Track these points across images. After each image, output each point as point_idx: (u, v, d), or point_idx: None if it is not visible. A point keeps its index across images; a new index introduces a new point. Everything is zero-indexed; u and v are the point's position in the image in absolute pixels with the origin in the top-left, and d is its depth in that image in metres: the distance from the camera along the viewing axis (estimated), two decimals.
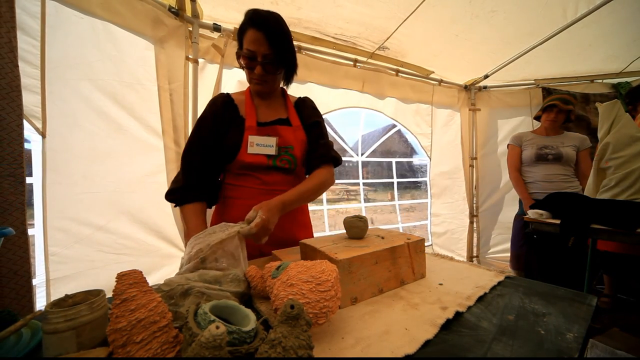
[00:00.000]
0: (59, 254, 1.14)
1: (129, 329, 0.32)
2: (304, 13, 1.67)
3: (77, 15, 1.17)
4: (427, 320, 0.47)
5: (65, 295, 0.42)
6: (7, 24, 0.92)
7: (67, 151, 1.17)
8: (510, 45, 2.15)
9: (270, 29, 0.79)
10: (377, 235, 0.69)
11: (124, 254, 1.32)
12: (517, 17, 1.83)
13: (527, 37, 2.07)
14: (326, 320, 0.42)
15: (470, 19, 1.81)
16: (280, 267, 0.49)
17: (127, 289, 0.34)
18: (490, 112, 2.80)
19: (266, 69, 0.82)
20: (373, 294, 0.57)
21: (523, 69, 2.45)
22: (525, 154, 1.98)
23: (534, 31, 2.01)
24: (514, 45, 2.16)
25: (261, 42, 0.79)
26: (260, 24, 0.78)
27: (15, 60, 0.94)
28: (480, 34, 1.97)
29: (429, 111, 2.63)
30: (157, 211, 1.44)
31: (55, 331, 0.37)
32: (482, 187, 2.83)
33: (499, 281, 0.64)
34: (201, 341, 0.25)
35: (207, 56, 1.63)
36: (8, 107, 0.91)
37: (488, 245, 2.83)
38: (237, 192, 0.87)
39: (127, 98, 1.34)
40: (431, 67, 2.45)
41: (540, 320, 0.48)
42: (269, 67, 0.83)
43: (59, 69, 1.12)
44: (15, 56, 0.94)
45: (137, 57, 1.37)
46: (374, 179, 3.08)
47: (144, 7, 1.36)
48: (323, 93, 2.07)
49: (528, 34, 2.04)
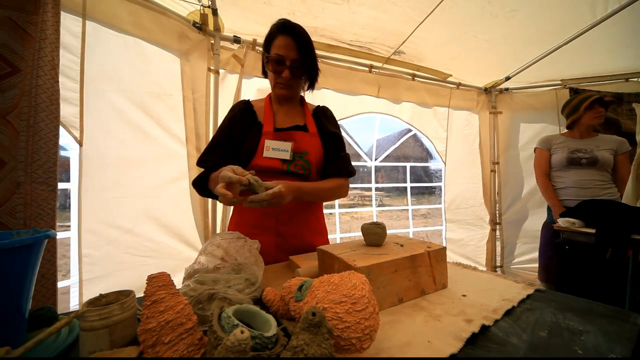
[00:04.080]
0: (91, 255, 1.22)
1: (158, 329, 0.33)
2: (320, 21, 1.71)
3: (111, 33, 1.27)
4: (450, 333, 0.45)
5: (99, 295, 0.45)
6: (52, 44, 1.02)
7: (100, 158, 1.26)
8: (533, 45, 2.07)
9: (299, 36, 0.84)
10: (395, 243, 0.68)
11: (149, 256, 1.39)
12: (539, 15, 1.76)
13: (551, 36, 1.97)
14: (371, 343, 0.37)
15: (490, 20, 1.76)
16: (302, 286, 0.45)
17: (157, 291, 0.36)
18: (512, 115, 2.68)
19: (294, 73, 0.86)
20: (392, 304, 0.56)
21: (548, 69, 2.33)
22: (555, 157, 1.87)
23: (558, 30, 1.92)
24: (537, 44, 2.07)
25: (291, 47, 0.84)
26: (290, 31, 0.84)
27: (56, 76, 1.03)
28: (501, 34, 1.91)
29: (446, 115, 2.57)
30: (179, 216, 1.50)
31: (91, 328, 0.40)
32: (505, 193, 2.70)
33: (528, 294, 0.60)
34: (227, 345, 0.26)
35: (228, 67, 1.70)
36: (47, 119, 1.00)
37: (512, 255, 2.68)
38: None
39: (154, 108, 1.42)
40: (448, 70, 2.40)
41: (577, 339, 0.44)
42: (296, 72, 0.87)
43: (95, 82, 1.22)
44: (56, 73, 1.03)
45: (164, 69, 1.46)
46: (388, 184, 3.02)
47: (171, 23, 1.45)
48: (338, 99, 2.09)
49: (552, 33, 1.95)
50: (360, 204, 9.42)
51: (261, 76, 0.96)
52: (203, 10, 1.52)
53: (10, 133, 0.93)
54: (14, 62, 0.93)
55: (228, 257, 0.60)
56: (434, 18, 1.72)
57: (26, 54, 0.95)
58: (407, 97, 2.36)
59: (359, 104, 2.19)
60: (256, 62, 1.71)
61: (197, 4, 1.48)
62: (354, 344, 0.35)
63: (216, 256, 0.60)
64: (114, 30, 1.28)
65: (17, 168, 0.93)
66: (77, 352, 0.43)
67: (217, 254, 0.60)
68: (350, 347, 0.35)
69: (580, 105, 1.81)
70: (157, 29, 1.40)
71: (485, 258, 2.69)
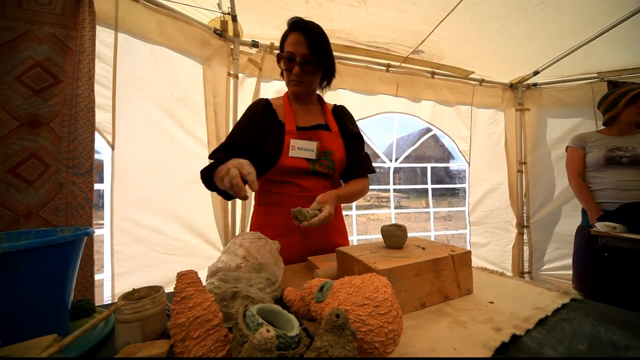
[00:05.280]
0: (122, 252, 1.30)
1: (187, 324, 0.35)
2: (337, 24, 1.71)
3: (140, 43, 1.35)
4: (477, 341, 0.43)
5: (132, 290, 0.48)
6: (89, 56, 1.10)
7: (129, 161, 1.34)
8: (565, 37, 1.93)
9: (309, 32, 0.83)
10: (417, 246, 0.66)
11: (173, 254, 1.46)
12: (571, 7, 1.65)
13: (585, 26, 1.84)
14: (395, 347, 0.36)
15: (517, 14, 1.68)
16: (323, 287, 0.45)
17: (186, 288, 0.37)
18: (541, 112, 2.52)
19: (304, 69, 0.85)
20: (414, 308, 0.54)
21: (582, 62, 2.17)
22: (591, 157, 1.72)
23: (594, 19, 1.78)
24: (570, 36, 1.93)
25: (300, 43, 0.83)
26: (300, 27, 0.83)
27: (92, 85, 1.11)
28: (528, 28, 1.80)
29: (468, 113, 2.47)
30: (201, 216, 1.56)
31: (125, 321, 0.42)
32: (534, 195, 2.54)
33: (564, 303, 0.56)
34: (254, 343, 0.27)
35: (246, 70, 1.75)
36: (84, 125, 1.08)
37: (542, 260, 2.51)
38: (278, 199, 0.88)
39: (178, 112, 1.49)
40: (471, 68, 2.31)
41: (622, 354, 0.41)
42: (306, 67, 0.85)
43: (126, 89, 1.30)
44: (92, 82, 1.11)
45: (187, 75, 1.53)
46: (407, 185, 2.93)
47: (194, 31, 1.52)
48: (356, 99, 2.08)
49: (587, 23, 1.81)
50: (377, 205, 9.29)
51: (279, 78, 0.98)
52: (223, 17, 1.58)
53: (53, 139, 1.01)
54: (57, 74, 1.02)
55: (249, 257, 0.61)
56: (455, 15, 1.66)
57: (67, 66, 1.04)
58: (427, 95, 2.30)
59: (377, 104, 2.16)
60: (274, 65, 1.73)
61: (218, 11, 1.54)
62: (377, 348, 0.35)
63: (238, 255, 0.62)
64: (142, 40, 1.36)
65: (60, 170, 1.02)
66: (112, 342, 0.46)
67: (239, 253, 0.61)
68: (374, 351, 0.35)
69: (619, 100, 1.66)
70: (181, 37, 1.47)
71: (512, 263, 2.55)
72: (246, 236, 0.67)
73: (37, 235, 0.57)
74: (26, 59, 0.95)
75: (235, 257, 0.61)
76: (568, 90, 2.42)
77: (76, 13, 1.05)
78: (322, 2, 1.54)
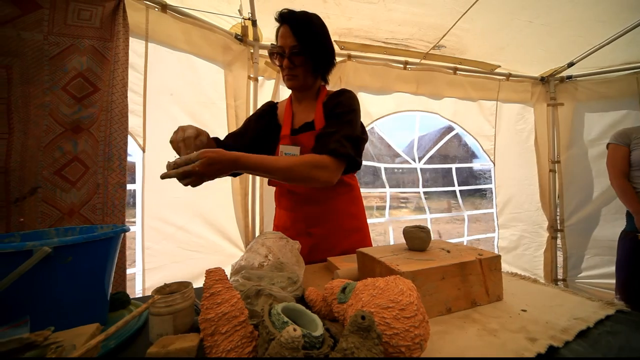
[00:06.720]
0: (152, 248, 1.38)
1: (216, 320, 0.36)
2: (355, 22, 1.70)
3: (168, 51, 1.43)
4: (510, 351, 0.41)
5: (164, 284, 0.51)
6: (122, 65, 1.18)
7: (159, 163, 1.42)
8: (604, 24, 1.78)
9: (295, 22, 0.79)
10: (441, 249, 0.64)
11: (197, 251, 1.52)
12: None
13: (628, 11, 1.67)
14: (422, 353, 0.35)
15: (548, 1, 1.57)
16: (345, 288, 0.44)
17: (214, 284, 0.39)
18: (576, 107, 2.34)
19: (292, 61, 0.80)
20: (440, 313, 0.53)
21: (624, 51, 1.98)
22: (637, 154, 1.57)
23: (638, 3, 1.62)
24: (610, 23, 1.77)
25: (287, 35, 0.79)
26: (286, 18, 0.80)
27: (125, 92, 1.19)
28: (562, 16, 1.68)
29: (493, 110, 2.34)
30: (223, 215, 1.62)
31: (158, 314, 0.45)
32: (568, 196, 2.35)
33: (608, 315, 0.52)
34: (281, 341, 0.27)
35: (265, 73, 1.79)
36: (119, 130, 1.16)
37: (579, 267, 2.32)
38: (280, 202, 0.95)
39: (202, 116, 1.56)
40: (496, 62, 2.19)
41: None
42: (295, 59, 0.80)
43: (155, 95, 1.38)
44: (125, 90, 1.19)
45: (210, 80, 1.59)
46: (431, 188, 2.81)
47: (217, 37, 1.58)
48: (374, 99, 2.04)
49: (630, 7, 1.65)
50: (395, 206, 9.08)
51: None
52: (244, 22, 1.63)
53: (92, 143, 1.10)
54: (95, 82, 1.11)
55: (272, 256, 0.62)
56: (479, 6, 1.59)
57: (104, 75, 1.13)
58: (449, 92, 2.21)
59: (396, 102, 2.11)
60: None
61: (239, 17, 1.59)
62: (403, 352, 0.34)
63: (260, 254, 0.63)
64: (170, 48, 1.43)
65: (97, 172, 1.10)
66: (146, 333, 0.49)
67: (262, 252, 0.63)
68: (399, 355, 0.34)
69: None
70: (205, 44, 1.54)
71: (544, 270, 2.38)
72: (269, 235, 0.69)
73: (81, 231, 0.63)
74: (70, 70, 1.04)
75: (258, 256, 0.63)
76: (608, 82, 2.22)
77: (112, 26, 1.13)
78: (339, 1, 1.53)
